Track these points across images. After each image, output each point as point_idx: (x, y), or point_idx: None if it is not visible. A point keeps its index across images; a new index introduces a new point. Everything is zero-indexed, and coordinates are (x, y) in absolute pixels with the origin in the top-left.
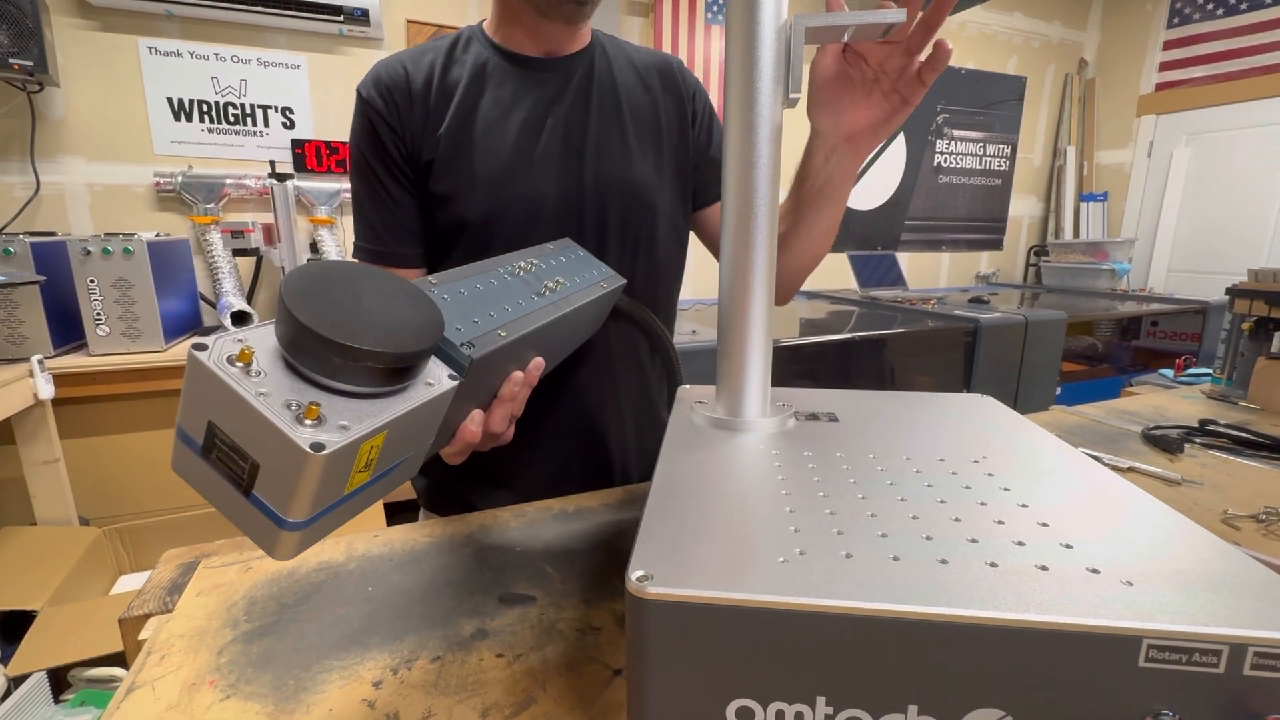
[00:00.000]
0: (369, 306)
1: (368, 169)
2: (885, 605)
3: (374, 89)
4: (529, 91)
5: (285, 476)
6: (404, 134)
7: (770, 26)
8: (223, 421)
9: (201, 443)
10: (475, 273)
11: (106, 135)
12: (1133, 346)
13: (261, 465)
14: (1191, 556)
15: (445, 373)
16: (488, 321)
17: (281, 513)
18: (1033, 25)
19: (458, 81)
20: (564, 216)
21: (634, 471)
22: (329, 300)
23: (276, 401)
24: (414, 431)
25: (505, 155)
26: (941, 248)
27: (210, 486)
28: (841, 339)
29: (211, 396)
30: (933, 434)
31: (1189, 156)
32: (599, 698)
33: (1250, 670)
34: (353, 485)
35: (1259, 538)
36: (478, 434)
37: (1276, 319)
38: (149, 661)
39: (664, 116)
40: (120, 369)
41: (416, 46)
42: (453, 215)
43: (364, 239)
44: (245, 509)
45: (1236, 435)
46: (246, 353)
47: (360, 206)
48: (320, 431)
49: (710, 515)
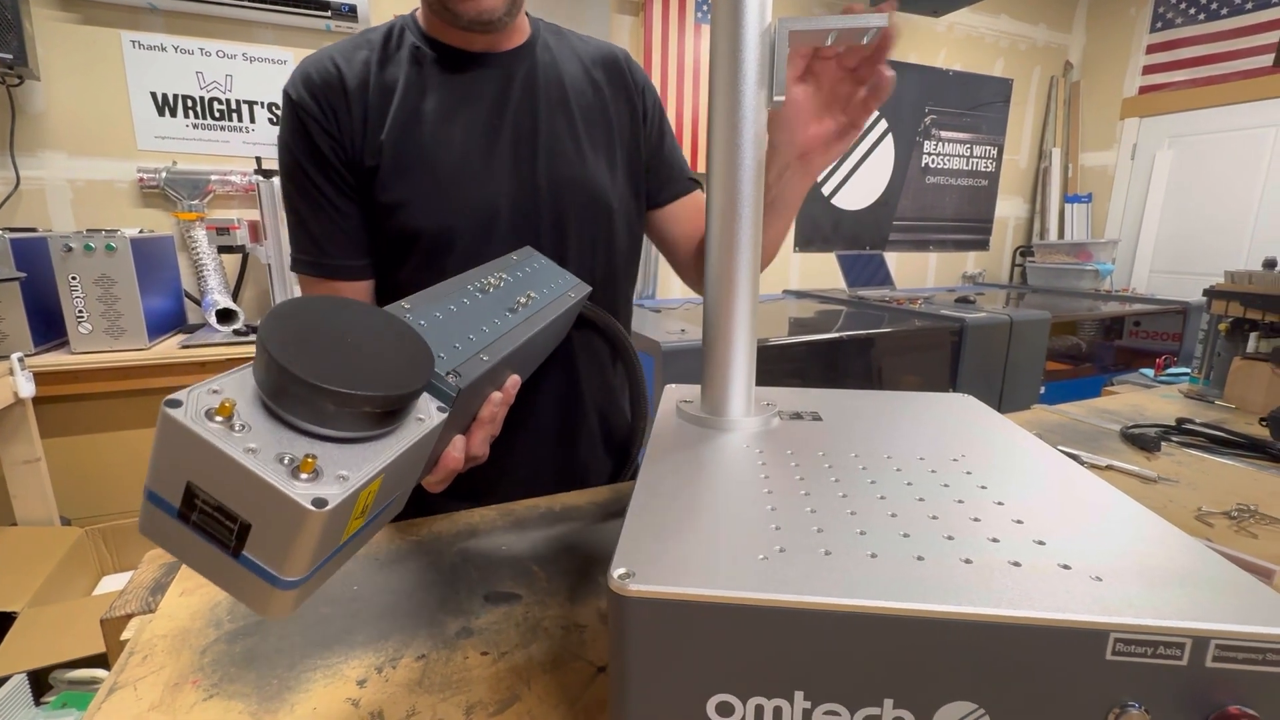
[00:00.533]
0: (355, 345)
1: (303, 176)
2: (862, 601)
3: (304, 90)
4: (473, 91)
5: (282, 535)
6: (342, 139)
7: (755, 29)
8: (205, 482)
9: (179, 506)
10: (446, 293)
11: (89, 130)
12: (1115, 346)
13: (254, 525)
14: (1160, 553)
15: (434, 405)
16: (468, 346)
17: (278, 572)
18: (1019, 28)
19: (395, 80)
20: (520, 221)
21: (605, 471)
22: (313, 342)
23: (267, 457)
24: (407, 469)
25: (456, 161)
26: (929, 248)
27: (189, 550)
28: (830, 338)
29: (190, 457)
30: (914, 433)
31: (1171, 159)
32: (583, 694)
33: (1212, 662)
34: (349, 532)
35: (1231, 534)
36: (460, 460)
37: (1252, 320)
38: (131, 662)
39: (614, 113)
40: (102, 367)
41: (347, 39)
42: (404, 225)
43: (303, 251)
44: (233, 570)
45: (1212, 434)
46: (227, 405)
47: (297, 217)
48: (319, 485)
49: (693, 514)
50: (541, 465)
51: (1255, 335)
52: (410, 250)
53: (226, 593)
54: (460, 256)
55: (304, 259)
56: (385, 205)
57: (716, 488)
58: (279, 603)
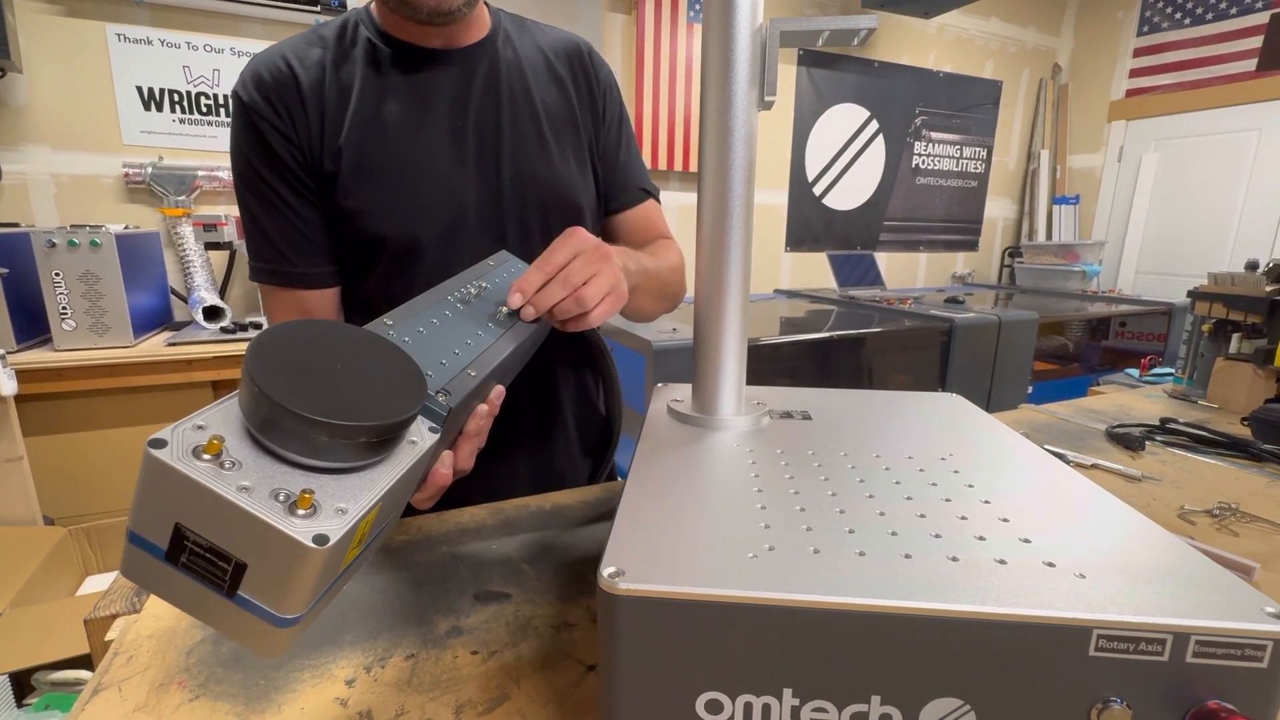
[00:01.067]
0: (345, 372)
1: (259, 181)
2: (850, 599)
3: (255, 91)
4: (433, 91)
5: (282, 574)
6: (299, 141)
7: (746, 30)
8: (195, 524)
9: (166, 548)
10: (427, 306)
11: (72, 124)
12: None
13: (250, 565)
14: (1143, 550)
15: (425, 426)
16: (454, 361)
17: (277, 611)
18: (1008, 30)
19: (352, 80)
20: (486, 223)
21: (581, 474)
22: (301, 372)
23: (262, 494)
24: (401, 494)
25: (420, 164)
26: (919, 248)
27: (178, 591)
28: (821, 338)
29: (179, 498)
30: (902, 432)
31: (1157, 161)
32: (573, 693)
33: (1192, 658)
34: (346, 562)
35: (1213, 532)
36: (449, 476)
37: (1235, 321)
38: (116, 662)
39: (578, 108)
40: (87, 364)
41: (299, 35)
42: (367, 231)
43: (264, 259)
44: (227, 611)
45: (1195, 433)
46: (215, 443)
47: (255, 223)
48: (318, 521)
49: (683, 512)
50: (517, 469)
51: (1238, 336)
52: (376, 257)
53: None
54: (427, 263)
55: (265, 267)
56: (347, 211)
57: (707, 486)
58: (276, 641)
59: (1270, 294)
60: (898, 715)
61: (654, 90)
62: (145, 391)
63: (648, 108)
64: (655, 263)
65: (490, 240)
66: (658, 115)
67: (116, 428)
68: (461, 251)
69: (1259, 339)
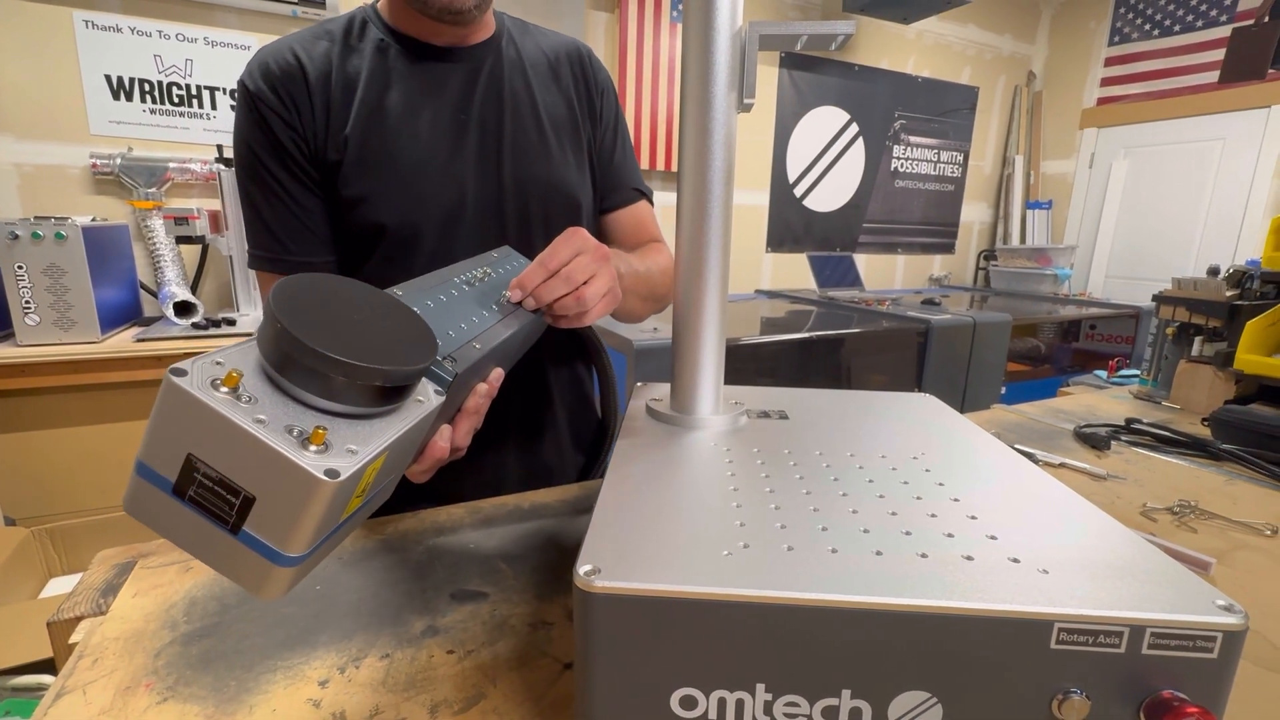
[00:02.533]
0: (362, 321)
1: (262, 170)
2: (821, 595)
3: (262, 81)
4: (438, 86)
5: (290, 508)
6: (304, 131)
7: (726, 33)
8: (208, 454)
9: (175, 479)
10: (435, 284)
11: (38, 112)
12: (1073, 348)
13: (258, 498)
14: (1104, 547)
15: (432, 388)
16: (460, 334)
17: (280, 548)
18: (985, 37)
19: (358, 72)
20: (485, 218)
21: (571, 471)
22: (323, 316)
23: (277, 428)
24: (404, 451)
25: (421, 155)
26: (897, 250)
27: (181, 527)
28: (800, 338)
29: (194, 427)
30: (876, 431)
31: (1126, 169)
32: (549, 691)
33: (1147, 649)
34: (348, 511)
35: (1173, 528)
36: (446, 450)
37: (1197, 325)
38: (80, 665)
39: (578, 110)
40: (51, 360)
41: (306, 30)
42: (367, 220)
43: (263, 248)
44: (229, 548)
45: (1158, 433)
46: (234, 376)
47: (256, 212)
48: (329, 457)
49: (659, 510)
50: (506, 463)
51: (1200, 339)
52: (374, 246)
53: (217, 572)
54: (425, 253)
55: (264, 255)
56: (348, 200)
57: (683, 485)
58: (276, 581)
59: (1230, 299)
60: (867, 709)
61: (636, 89)
62: (113, 388)
63: (630, 106)
64: (645, 265)
65: (489, 233)
66: (640, 114)
67: (82, 425)
68: (460, 243)
69: (1219, 342)
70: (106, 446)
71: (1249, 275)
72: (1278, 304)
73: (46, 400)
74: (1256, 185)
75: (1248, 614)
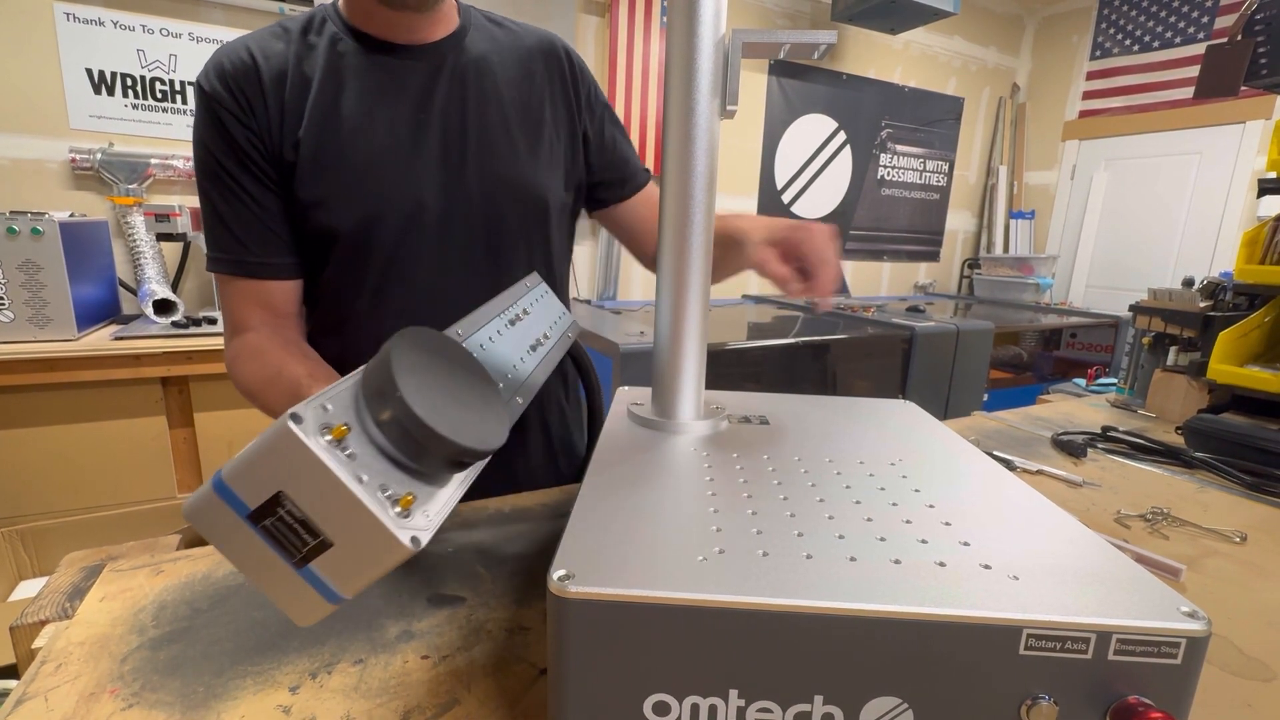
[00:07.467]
0: (455, 392)
1: (220, 172)
2: (794, 601)
3: (218, 82)
4: (396, 84)
5: (364, 561)
6: (259, 131)
7: (710, 40)
8: (299, 495)
9: (255, 508)
10: (484, 322)
11: (15, 106)
12: (1054, 356)
13: (335, 545)
14: (1074, 553)
15: None
16: (506, 385)
17: (340, 590)
18: (971, 49)
19: (313, 71)
20: (450, 223)
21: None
22: (431, 386)
23: (373, 486)
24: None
25: (376, 156)
26: (883, 258)
27: (242, 549)
28: (786, 343)
29: (295, 471)
30: (855, 438)
31: (1107, 180)
32: (524, 697)
33: (1114, 655)
34: None
35: (1145, 535)
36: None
37: (1172, 335)
38: (43, 671)
39: (550, 106)
40: (25, 358)
41: (265, 28)
42: (321, 224)
43: (223, 250)
44: (287, 578)
45: (1133, 441)
46: (342, 429)
47: (215, 214)
48: (411, 522)
49: (636, 515)
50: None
51: (1174, 349)
52: (330, 250)
53: (261, 592)
54: (381, 257)
55: (224, 258)
56: (304, 203)
57: (661, 490)
58: (320, 614)
59: (1204, 310)
60: (839, 715)
61: (626, 92)
62: (90, 387)
63: (620, 110)
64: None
65: (452, 237)
66: (629, 117)
67: (57, 425)
68: (421, 247)
69: (1193, 352)
70: (81, 446)
71: (1222, 287)
72: (1250, 315)
73: (19, 398)
74: (1231, 199)
75: (1211, 621)
